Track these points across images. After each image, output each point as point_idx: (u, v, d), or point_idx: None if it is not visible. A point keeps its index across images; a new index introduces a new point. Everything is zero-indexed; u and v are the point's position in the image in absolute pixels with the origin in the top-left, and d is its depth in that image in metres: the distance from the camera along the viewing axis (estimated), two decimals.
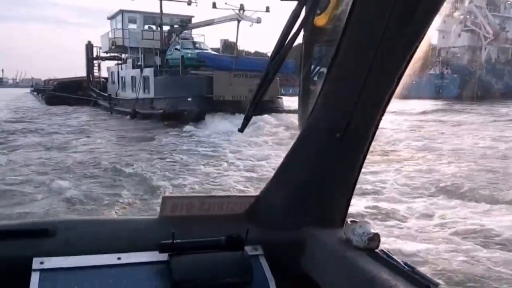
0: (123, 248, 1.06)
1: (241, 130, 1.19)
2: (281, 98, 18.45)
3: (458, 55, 57.06)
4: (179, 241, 1.05)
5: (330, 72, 1.07)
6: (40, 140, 11.80)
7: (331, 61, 1.05)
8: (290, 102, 17.43)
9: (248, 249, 1.12)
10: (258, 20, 16.58)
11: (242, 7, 16.51)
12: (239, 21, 16.58)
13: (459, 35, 57.83)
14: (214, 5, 16.66)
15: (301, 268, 1.17)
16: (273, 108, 15.96)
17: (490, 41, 56.54)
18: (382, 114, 1.10)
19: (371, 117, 1.10)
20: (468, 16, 54.60)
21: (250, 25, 16.84)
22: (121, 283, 1.02)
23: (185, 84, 16.44)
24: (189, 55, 17.91)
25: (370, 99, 1.05)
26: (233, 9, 16.57)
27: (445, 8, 0.94)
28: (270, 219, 1.21)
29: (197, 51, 18.19)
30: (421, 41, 0.96)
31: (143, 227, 1.18)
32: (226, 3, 16.57)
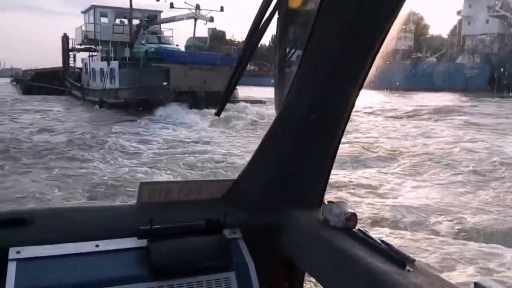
0: (102, 235, 1.22)
1: (217, 114, 1.38)
2: (236, 89, 23.90)
3: (486, 43, 57.22)
4: (157, 226, 1.22)
5: (304, 54, 1.23)
6: None
7: (306, 44, 1.20)
8: (267, 93, 22.46)
9: (227, 232, 1.32)
10: (211, 19, 22.17)
11: (198, 7, 22.08)
12: (195, 19, 22.15)
13: (487, 21, 59.34)
14: (171, 5, 22.29)
15: (280, 250, 1.37)
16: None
17: None
18: (357, 96, 1.28)
19: (346, 98, 1.28)
20: (496, 1, 56.63)
21: (204, 23, 22.44)
22: (100, 270, 1.16)
23: (146, 76, 21.98)
24: (152, 49, 23.56)
25: (344, 81, 1.24)
26: (189, 9, 22.18)
27: None
28: (248, 202, 1.41)
29: (157, 45, 23.82)
30: (393, 22, 1.13)
31: (121, 214, 1.34)
32: (185, 2, 22.23)
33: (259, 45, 1.22)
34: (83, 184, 8.02)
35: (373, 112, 21.48)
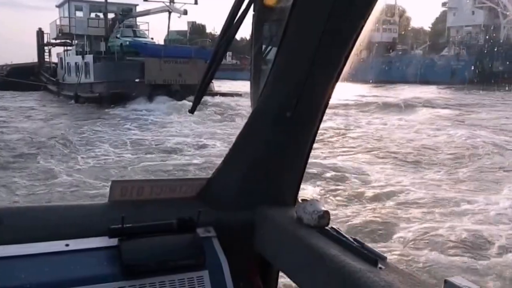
0: (72, 234, 1.22)
1: (191, 111, 1.37)
2: (212, 82, 24.49)
3: (472, 34, 57.47)
4: (129, 225, 1.24)
5: (279, 51, 1.25)
6: None
7: (280, 41, 1.23)
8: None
9: (200, 231, 1.34)
10: (185, 12, 22.69)
11: (172, 0, 22.57)
12: (170, 12, 22.63)
13: (473, 12, 59.94)
14: None
15: (254, 248, 1.40)
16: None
17: (509, 19, 58.70)
18: (331, 93, 1.32)
19: (320, 95, 1.32)
20: None
21: (178, 17, 22.94)
22: (69, 270, 1.16)
23: (121, 70, 22.39)
24: (127, 43, 23.99)
25: (319, 78, 1.26)
26: (163, 1, 22.65)
27: None
28: (222, 200, 1.43)
29: (131, 39, 24.25)
30: (366, 20, 1.17)
31: (92, 213, 1.34)
32: None
33: (242, 39, 1.64)
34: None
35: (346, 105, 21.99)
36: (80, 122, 16.80)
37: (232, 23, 1.20)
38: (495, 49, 50.92)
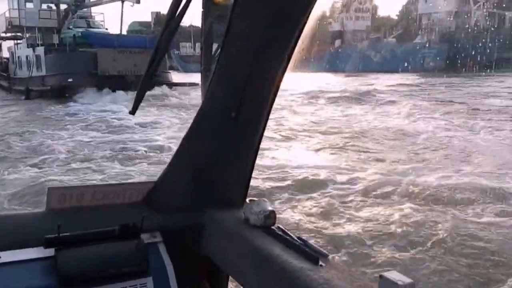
0: (5, 246, 1.18)
1: (132, 112, 1.32)
2: (169, 72, 24.95)
3: (443, 22, 58.72)
4: (66, 234, 1.20)
5: (222, 51, 1.26)
6: None
7: (223, 39, 1.24)
8: None
9: (146, 236, 1.33)
10: (137, 1, 22.95)
11: None
12: (122, 2, 22.83)
13: None
14: None
15: (202, 252, 1.41)
16: (160, 81, 22.42)
17: (479, 5, 60.22)
18: (276, 91, 1.34)
19: (265, 94, 1.33)
20: None
21: (131, 5, 23.14)
22: (2, 283, 1.12)
23: (73, 61, 22.44)
24: (79, 33, 24.07)
25: (263, 77, 1.29)
26: None
27: None
28: (169, 204, 1.43)
29: (84, 30, 24.34)
30: (308, 16, 1.20)
31: (27, 222, 1.31)
32: None
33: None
34: None
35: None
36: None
37: (174, 15, 1.20)
38: (466, 36, 52.63)
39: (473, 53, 49.81)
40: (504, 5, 59.65)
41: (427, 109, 17.22)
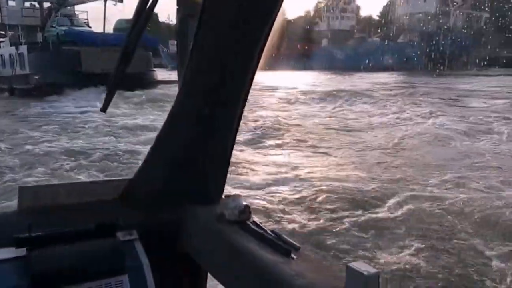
0: None
1: (102, 109, 1.31)
2: (154, 70, 25.45)
3: (424, 22, 60.00)
4: (38, 233, 1.18)
5: (193, 48, 1.26)
6: None
7: (195, 37, 1.24)
8: None
9: (122, 234, 1.32)
10: (120, 0, 23.44)
11: None
12: (105, 0, 23.24)
13: (424, 0, 63.09)
14: None
15: (180, 248, 1.41)
16: (144, 80, 22.91)
17: (457, 6, 62.02)
18: (249, 87, 1.35)
19: (238, 90, 1.34)
20: None
21: (114, 4, 23.60)
22: None
23: (56, 60, 22.74)
24: (63, 32, 24.36)
25: (235, 73, 1.30)
26: None
27: None
28: (145, 201, 1.43)
29: (67, 28, 24.63)
30: (277, 12, 1.22)
31: None
32: None
33: None
34: None
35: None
36: None
37: (142, 12, 1.21)
38: (444, 36, 54.77)
39: (452, 52, 51.98)
40: (482, 7, 61.29)
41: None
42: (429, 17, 59.86)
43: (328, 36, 67.74)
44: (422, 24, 59.89)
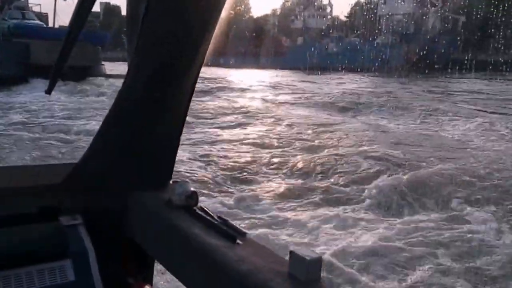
0: None
1: (47, 91, 1.37)
2: (103, 64, 26.22)
3: (402, 23, 61.41)
4: None
5: (141, 32, 1.25)
6: None
7: (142, 20, 1.22)
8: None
9: (65, 219, 1.32)
10: None
11: None
12: None
13: (403, 1, 62.89)
14: None
15: (125, 234, 1.42)
16: (93, 73, 23.61)
17: (436, 8, 62.35)
18: (198, 73, 1.38)
19: (187, 76, 1.35)
20: None
21: (64, 0, 24.23)
22: None
23: (5, 52, 23.25)
24: (13, 24, 24.88)
25: (183, 57, 1.30)
26: None
27: None
28: (91, 186, 1.41)
29: (18, 21, 25.15)
30: (221, 8, 1.23)
31: None
32: None
33: None
34: None
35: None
36: None
37: (84, 3, 1.23)
38: (423, 38, 55.42)
39: (430, 54, 52.76)
40: (460, 11, 62.41)
41: None
42: (405, 20, 60.99)
43: (303, 34, 68.54)
44: (400, 27, 61.04)
